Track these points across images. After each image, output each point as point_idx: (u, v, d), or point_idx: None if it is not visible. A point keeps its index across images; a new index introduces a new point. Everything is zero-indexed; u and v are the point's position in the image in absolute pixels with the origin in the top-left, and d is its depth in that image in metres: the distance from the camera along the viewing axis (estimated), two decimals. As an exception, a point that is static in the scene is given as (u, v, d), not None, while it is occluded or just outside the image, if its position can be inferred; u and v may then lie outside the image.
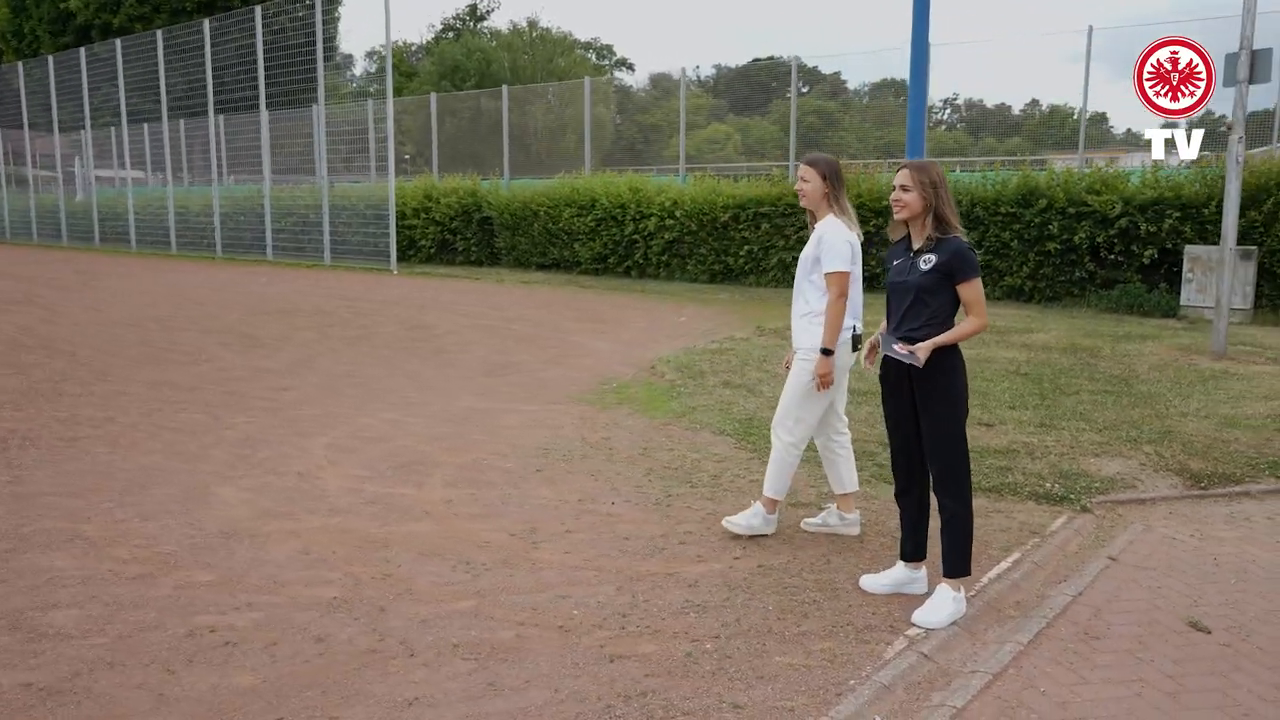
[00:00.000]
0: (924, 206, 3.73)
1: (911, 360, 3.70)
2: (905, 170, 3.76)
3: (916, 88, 12.27)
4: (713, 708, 3.10)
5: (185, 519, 4.87)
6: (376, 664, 3.39)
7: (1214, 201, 11.77)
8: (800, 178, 4.54)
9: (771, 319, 11.90)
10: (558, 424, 6.87)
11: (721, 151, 48.55)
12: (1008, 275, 13.47)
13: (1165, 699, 3.22)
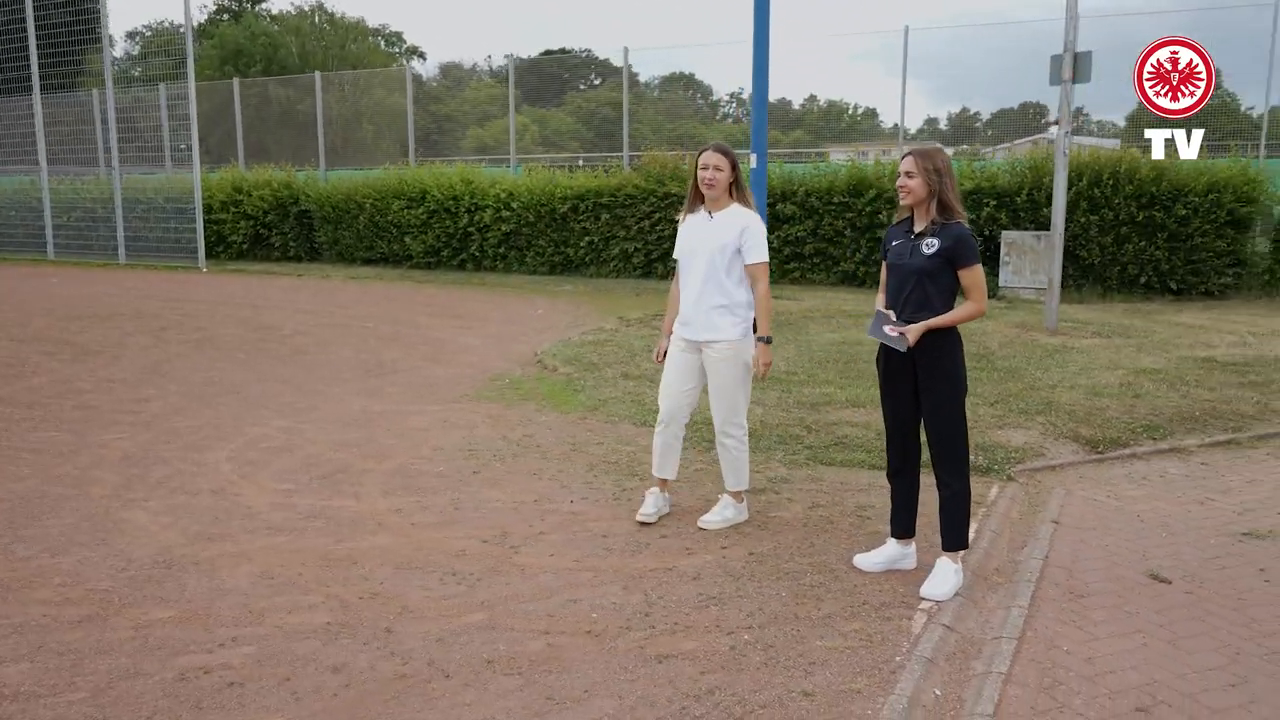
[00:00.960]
0: (928, 192, 3.85)
1: (900, 345, 3.82)
2: (910, 156, 3.87)
3: (759, 83, 12.61)
4: (784, 698, 3.10)
5: (105, 550, 4.35)
6: (415, 690, 3.16)
7: (1025, 190, 12.87)
8: (714, 166, 4.45)
9: (628, 309, 11.97)
10: (470, 423, 6.63)
11: (520, 142, 48.17)
12: (842, 261, 14.16)
13: (1168, 647, 3.51)
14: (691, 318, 4.52)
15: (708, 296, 4.46)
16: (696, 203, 4.56)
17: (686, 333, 4.56)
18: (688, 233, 4.57)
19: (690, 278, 4.51)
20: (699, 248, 4.48)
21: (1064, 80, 9.53)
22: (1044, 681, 3.24)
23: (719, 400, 4.60)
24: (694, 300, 4.49)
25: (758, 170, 12.33)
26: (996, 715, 3.02)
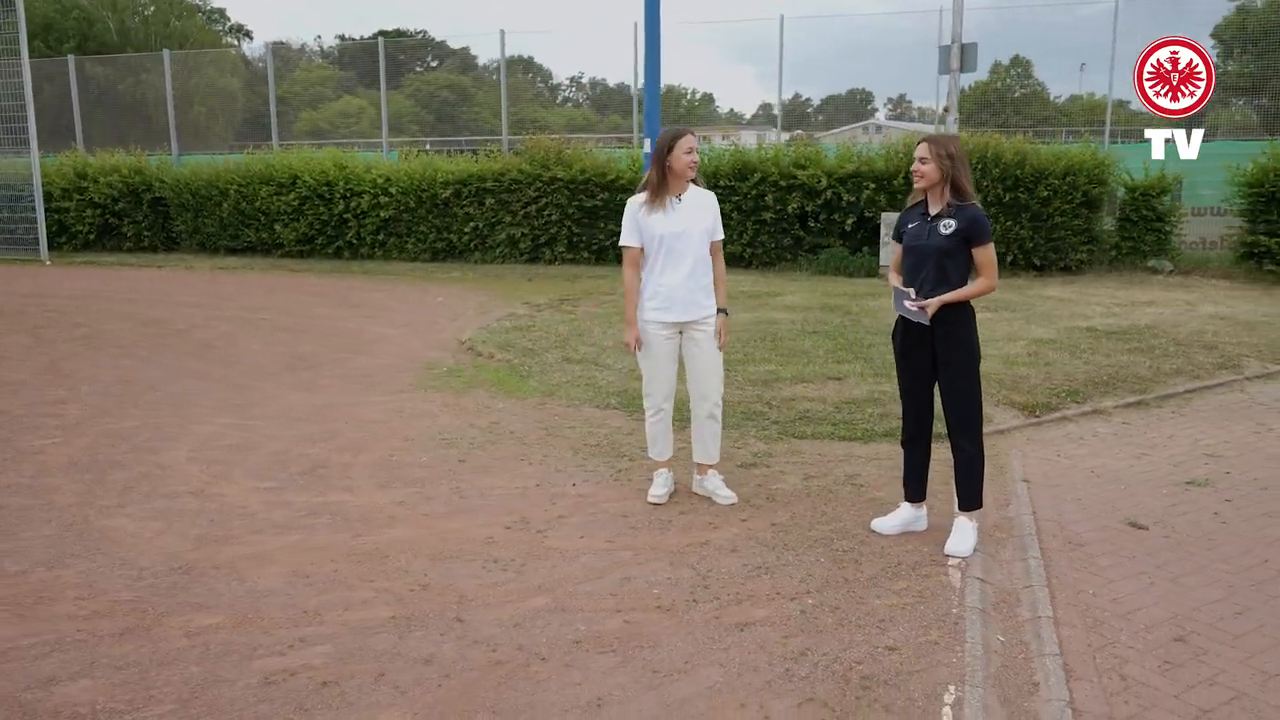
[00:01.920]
0: (940, 176, 4.10)
1: (922, 318, 4.08)
2: (924, 144, 4.12)
3: (651, 68, 12.77)
4: (873, 654, 3.31)
5: (105, 560, 4.11)
6: (517, 674, 3.19)
7: (901, 174, 13.57)
8: (696, 150, 4.57)
9: (530, 294, 11.94)
10: (428, 413, 6.54)
11: (357, 126, 46.75)
12: (729, 244, 14.52)
13: (1172, 585, 3.92)
14: (680, 299, 4.58)
15: (697, 276, 4.60)
16: (665, 188, 4.52)
17: (670, 315, 4.59)
18: (664, 217, 4.53)
19: (677, 260, 4.55)
20: (686, 230, 4.54)
21: (952, 70, 10.15)
22: (1086, 622, 3.57)
23: (710, 376, 4.73)
24: (683, 282, 4.56)
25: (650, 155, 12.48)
26: (1062, 654, 3.31)
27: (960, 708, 2.97)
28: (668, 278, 4.56)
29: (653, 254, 4.57)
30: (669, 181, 4.50)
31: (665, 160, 4.45)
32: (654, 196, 4.51)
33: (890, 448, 5.72)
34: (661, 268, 4.56)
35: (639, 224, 4.55)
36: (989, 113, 52.33)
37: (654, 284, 4.59)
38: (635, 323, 4.64)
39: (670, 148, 4.44)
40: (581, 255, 15.18)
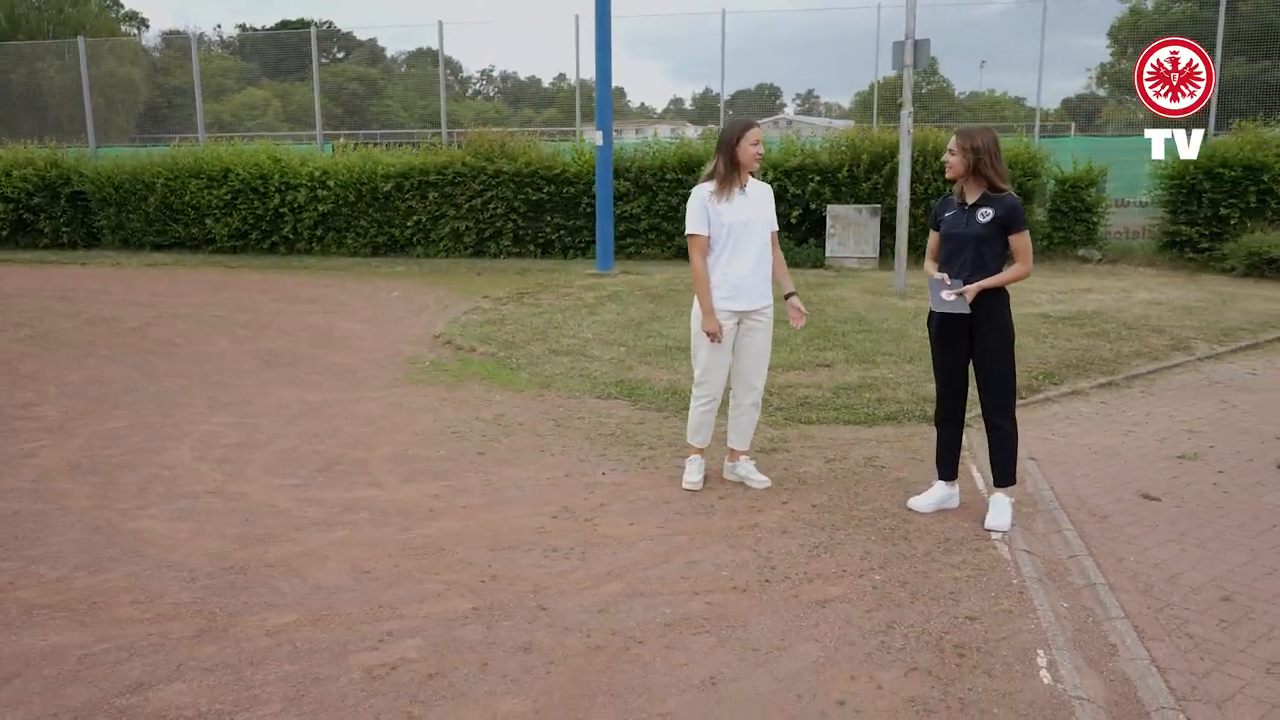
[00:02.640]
0: (965, 167, 4.27)
1: (961, 309, 4.24)
2: (955, 136, 4.28)
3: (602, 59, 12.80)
4: (955, 624, 3.44)
5: (148, 562, 3.98)
6: (621, 657, 3.22)
7: (845, 167, 13.90)
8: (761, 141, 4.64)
9: (486, 288, 11.84)
10: (427, 407, 6.47)
11: (262, 118, 45.42)
12: (677, 237, 14.65)
13: (1200, 550, 4.17)
14: (747, 287, 4.64)
15: (761, 266, 4.66)
16: (733, 177, 4.59)
17: (736, 304, 4.64)
18: (732, 206, 4.58)
19: (745, 249, 4.62)
20: (752, 219, 4.62)
21: (905, 65, 10.43)
22: (1138, 587, 3.78)
23: (760, 365, 4.82)
24: (751, 270, 4.63)
25: (604, 148, 12.58)
26: (1127, 617, 3.50)
27: (1055, 669, 3.11)
28: (735, 266, 4.59)
29: (720, 243, 4.60)
30: (736, 171, 4.52)
31: (733, 150, 4.51)
32: (722, 186, 4.55)
33: (894, 430, 5.91)
34: (729, 257, 4.59)
35: (708, 212, 4.56)
36: (896, 108, 53.78)
37: (721, 273, 4.61)
38: (714, 311, 4.62)
39: (738, 138, 4.50)
40: (528, 249, 15.11)
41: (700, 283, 4.60)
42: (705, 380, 4.75)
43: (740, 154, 4.48)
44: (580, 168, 14.67)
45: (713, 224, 4.56)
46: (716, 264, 4.61)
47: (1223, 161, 12.83)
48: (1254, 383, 7.39)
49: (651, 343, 8.22)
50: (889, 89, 58.27)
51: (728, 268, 4.59)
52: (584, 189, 14.63)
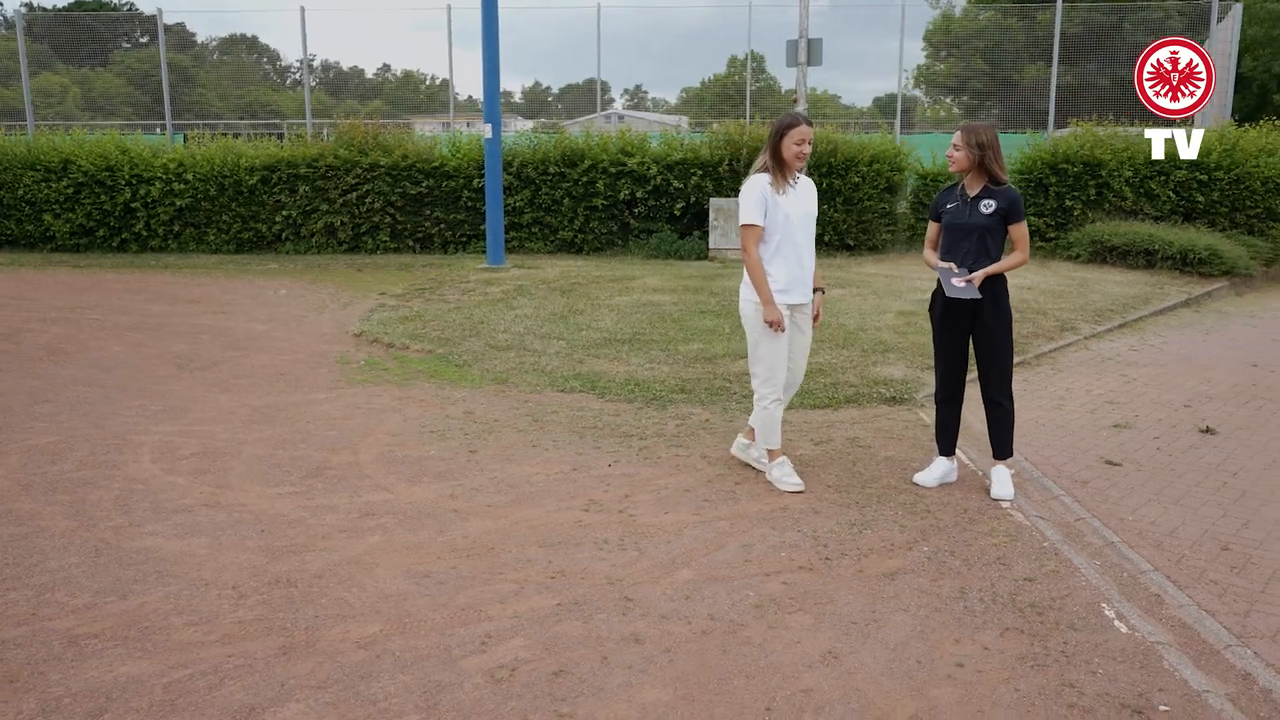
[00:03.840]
0: (969, 162, 4.55)
1: (972, 294, 4.52)
2: (958, 131, 4.55)
3: (489, 51, 12.61)
4: (1019, 585, 3.70)
5: (180, 583, 3.73)
6: (732, 639, 3.29)
7: (725, 161, 14.28)
8: (809, 140, 4.65)
9: (378, 285, 11.50)
10: (389, 407, 6.27)
11: (60, 106, 42.10)
12: (561, 230, 14.65)
13: (1180, 508, 4.62)
14: (800, 281, 4.69)
15: (808, 259, 4.73)
16: (782, 173, 4.64)
17: (791, 298, 4.68)
18: (788, 200, 4.63)
19: (796, 242, 4.65)
20: (805, 214, 4.68)
21: (800, 63, 10.83)
22: (1148, 542, 4.16)
23: (805, 357, 4.90)
24: (801, 264, 4.68)
25: (492, 141, 12.45)
26: (1157, 570, 3.86)
27: (1126, 620, 3.41)
28: (789, 259, 4.63)
29: (775, 235, 4.60)
30: (782, 168, 4.58)
31: (777, 148, 4.56)
32: (776, 179, 4.59)
33: (859, 412, 6.19)
34: (783, 250, 4.62)
35: (768, 203, 4.58)
36: (729, 105, 55.31)
37: (775, 266, 4.62)
38: (774, 302, 4.60)
39: (782, 135, 4.55)
40: (407, 244, 14.71)
41: (758, 274, 4.58)
42: (772, 377, 4.70)
43: (784, 151, 4.55)
44: (460, 161, 14.42)
45: (770, 215, 4.59)
46: (774, 256, 4.62)
47: (1065, 158, 13.98)
48: (1139, 358, 8.16)
49: (587, 335, 8.23)
50: (719, 85, 59.49)
51: (782, 261, 4.62)
52: (465, 182, 14.39)
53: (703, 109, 55.24)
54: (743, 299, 4.74)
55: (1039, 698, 2.92)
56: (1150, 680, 3.02)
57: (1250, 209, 13.47)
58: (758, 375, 4.76)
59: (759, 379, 4.75)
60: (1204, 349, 8.65)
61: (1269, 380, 7.42)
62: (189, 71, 63.94)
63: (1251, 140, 13.39)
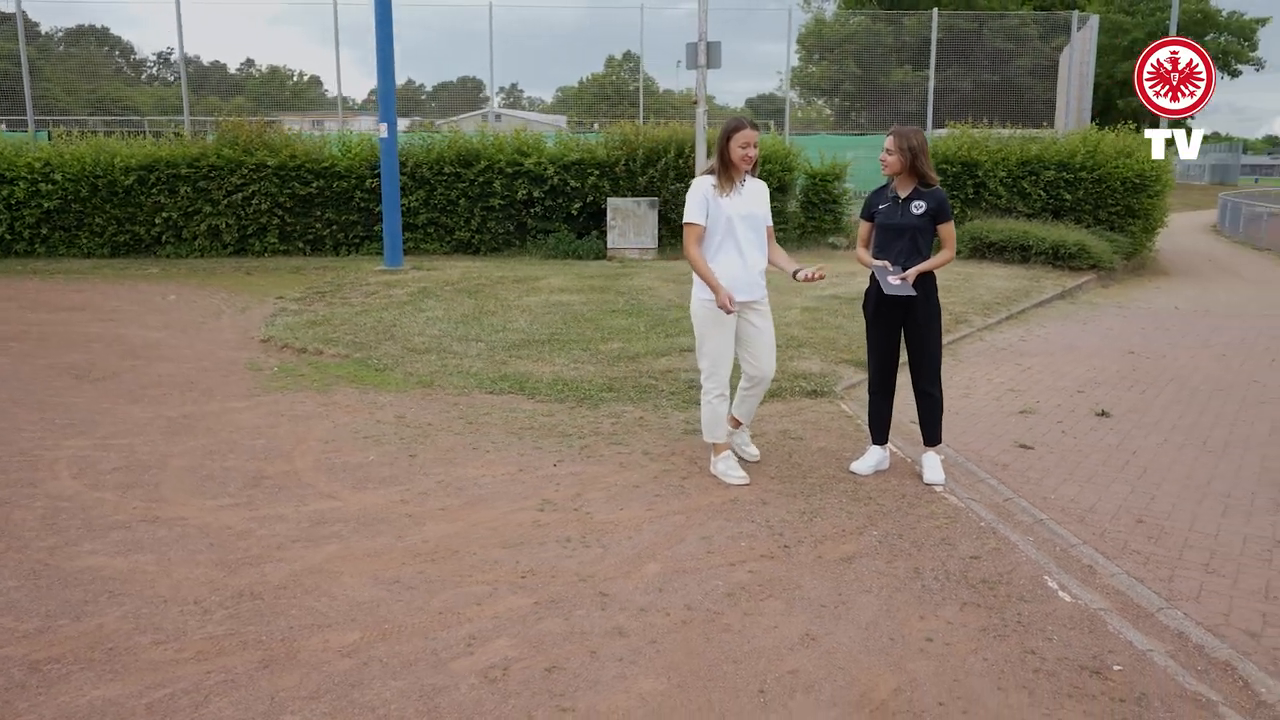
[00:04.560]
0: (902, 165, 4.80)
1: (907, 292, 4.77)
2: (891, 136, 4.78)
3: (383, 47, 12.39)
4: (967, 563, 3.94)
5: (137, 601, 3.60)
6: (713, 628, 3.40)
7: (621, 162, 14.42)
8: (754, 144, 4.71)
9: (270, 288, 11.18)
10: (314, 414, 6.15)
11: (-115, 99, 39.31)
12: (457, 230, 14.51)
13: (1090, 485, 4.98)
14: (748, 279, 4.80)
15: (759, 260, 4.86)
16: (729, 175, 4.74)
17: (736, 296, 4.75)
18: (731, 201, 4.74)
19: (740, 242, 4.76)
20: (751, 213, 4.80)
21: (699, 65, 11.05)
22: (1072, 518, 4.49)
23: (770, 353, 4.96)
24: (749, 264, 4.80)
25: (388, 140, 12.28)
26: (1086, 543, 4.17)
27: (1068, 590, 3.68)
28: (731, 258, 4.75)
29: (718, 235, 4.72)
30: (728, 170, 4.70)
31: (724, 151, 4.68)
32: (721, 181, 4.70)
33: (784, 405, 6.41)
34: (725, 249, 4.74)
35: (709, 203, 4.70)
36: (608, 104, 55.57)
37: (719, 265, 4.73)
38: (721, 287, 4.65)
39: (729, 138, 4.67)
40: (296, 246, 14.31)
41: (701, 266, 4.69)
42: (715, 371, 4.83)
43: (731, 154, 4.68)
44: (351, 161, 14.12)
45: (711, 215, 4.72)
46: (716, 255, 4.75)
47: (945, 159, 14.67)
48: (1028, 348, 8.68)
49: (504, 337, 8.22)
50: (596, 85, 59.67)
51: (725, 259, 4.76)
52: (357, 183, 14.10)
53: (581, 108, 55.41)
54: (693, 297, 4.86)
55: (1006, 665, 3.13)
56: (1100, 643, 3.28)
57: (1111, 206, 14.44)
58: (703, 370, 4.90)
59: (704, 373, 4.89)
60: (1084, 338, 9.26)
61: (1146, 366, 8.01)
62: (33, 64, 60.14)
63: (1111, 143, 14.36)
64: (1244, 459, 5.45)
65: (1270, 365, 8.14)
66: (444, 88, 60.07)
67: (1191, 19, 42.23)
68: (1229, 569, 3.92)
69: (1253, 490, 4.91)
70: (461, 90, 69.30)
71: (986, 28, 31.07)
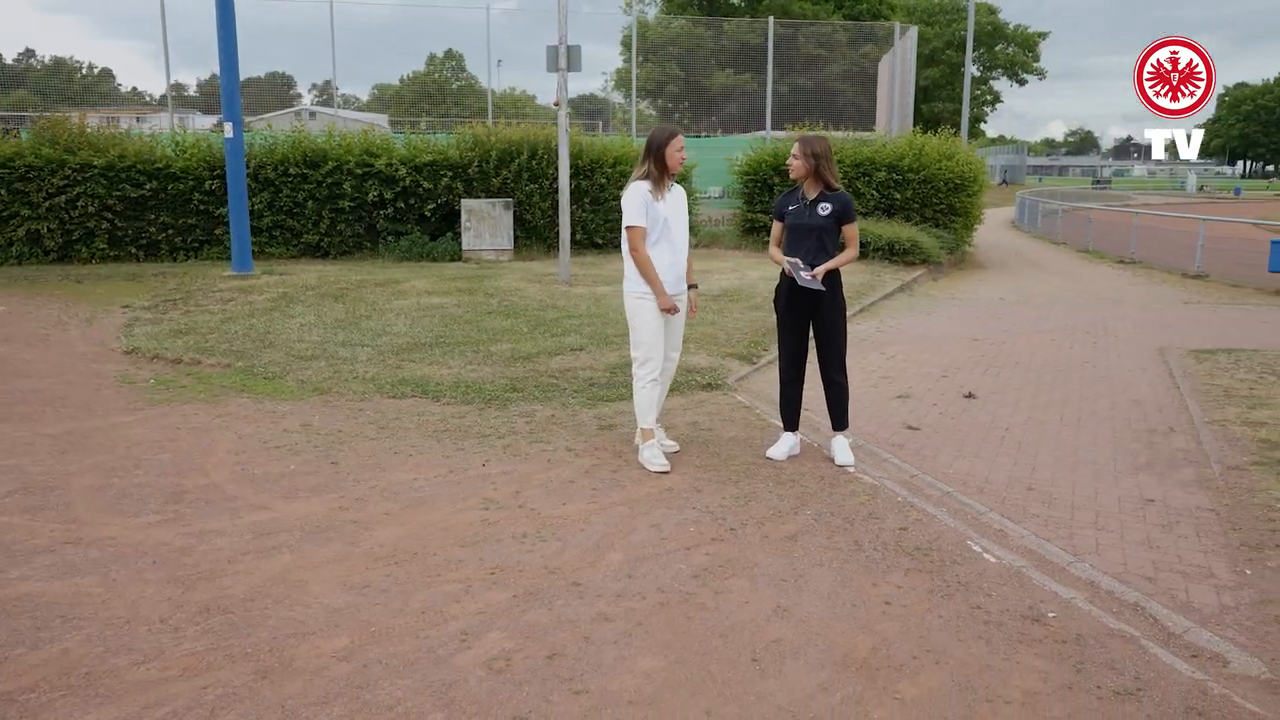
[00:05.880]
0: (807, 170, 5.17)
1: (818, 287, 5.14)
2: (797, 143, 5.14)
3: (226, 42, 11.88)
4: (897, 535, 4.31)
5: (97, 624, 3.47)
6: (689, 607, 3.61)
7: (475, 163, 14.38)
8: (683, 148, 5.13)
9: (109, 296, 10.57)
10: (213, 425, 5.94)
11: None
12: (305, 233, 14.07)
13: (980, 460, 5.51)
14: (677, 274, 5.19)
15: (682, 256, 5.22)
16: (663, 179, 5.09)
17: (671, 289, 5.13)
18: (664, 205, 5.09)
19: (671, 241, 5.13)
20: (679, 216, 5.17)
21: (560, 69, 11.21)
22: (972, 489, 4.97)
23: (680, 336, 5.39)
24: (676, 259, 5.17)
25: (234, 140, 11.85)
26: (992, 510, 4.65)
27: (991, 552, 4.11)
28: (665, 256, 5.04)
29: (655, 234, 5.03)
30: (664, 174, 4.97)
31: (661, 155, 4.91)
32: (655, 185, 4.93)
33: (684, 399, 6.70)
34: (660, 247, 5.05)
35: (649, 207, 4.92)
36: (430, 102, 54.59)
37: (654, 260, 5.05)
38: (665, 292, 5.04)
39: (665, 144, 4.92)
40: (129, 251, 13.50)
41: (649, 270, 5.02)
42: (650, 358, 5.15)
43: (668, 159, 4.94)
44: (187, 161, 13.46)
45: (650, 217, 4.96)
46: (651, 251, 5.03)
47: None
48: (886, 338, 9.34)
49: (389, 341, 8.13)
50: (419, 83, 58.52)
51: (660, 256, 5.03)
52: (195, 184, 13.44)
53: (402, 107, 54.19)
54: (626, 292, 5.10)
55: (960, 620, 3.49)
56: (1031, 595, 3.70)
57: (936, 205, 15.58)
58: (637, 358, 5.20)
59: (638, 361, 5.20)
60: (932, 328, 10.04)
61: (992, 351, 8.80)
62: None
63: (935, 147, 15.49)
64: (1097, 430, 6.13)
65: (1094, 347, 9.10)
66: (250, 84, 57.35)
67: (983, 30, 45.77)
68: (1115, 525, 4.46)
69: (1112, 457, 5.56)
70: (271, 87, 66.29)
71: (800, 34, 32.61)
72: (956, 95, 48.53)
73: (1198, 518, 4.56)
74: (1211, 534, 4.35)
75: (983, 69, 56.20)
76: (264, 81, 64.44)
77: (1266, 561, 4.03)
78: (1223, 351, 8.78)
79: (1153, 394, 7.14)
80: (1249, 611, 3.58)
